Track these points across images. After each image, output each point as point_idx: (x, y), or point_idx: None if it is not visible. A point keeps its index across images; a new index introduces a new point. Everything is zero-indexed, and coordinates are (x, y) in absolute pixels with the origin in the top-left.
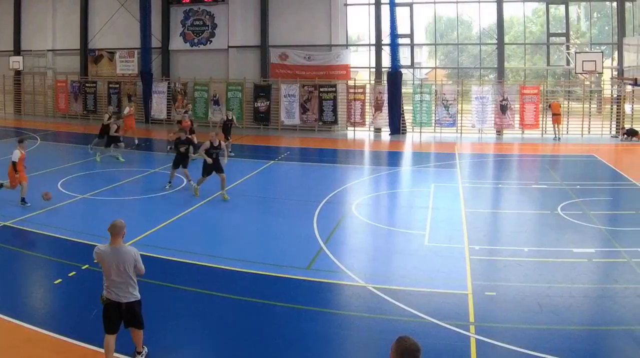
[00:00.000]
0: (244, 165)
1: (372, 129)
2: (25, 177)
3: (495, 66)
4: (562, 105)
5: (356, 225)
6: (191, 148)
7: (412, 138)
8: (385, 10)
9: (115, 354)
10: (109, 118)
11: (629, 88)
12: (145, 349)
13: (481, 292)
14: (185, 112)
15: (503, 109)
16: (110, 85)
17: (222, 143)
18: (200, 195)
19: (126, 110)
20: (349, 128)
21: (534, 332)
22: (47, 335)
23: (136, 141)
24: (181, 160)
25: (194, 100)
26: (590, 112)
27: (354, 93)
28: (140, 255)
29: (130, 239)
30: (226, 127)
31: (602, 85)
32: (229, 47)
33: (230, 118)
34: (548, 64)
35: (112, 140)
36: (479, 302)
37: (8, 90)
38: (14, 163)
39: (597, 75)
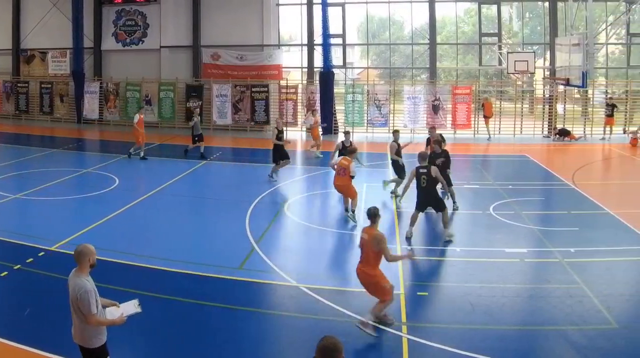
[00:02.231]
0: (176, 165)
1: (304, 129)
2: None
3: (428, 66)
4: (493, 105)
5: (288, 225)
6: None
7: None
8: (317, 10)
9: None
10: (279, 134)
11: (561, 88)
12: None
13: (413, 292)
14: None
15: (435, 109)
16: (43, 86)
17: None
18: (131, 195)
19: (136, 117)
20: None
21: (466, 332)
22: None
23: (141, 153)
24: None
25: (126, 101)
26: (522, 112)
27: (286, 93)
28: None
29: (63, 239)
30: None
31: (534, 85)
32: (161, 47)
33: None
34: (480, 64)
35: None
36: (411, 302)
37: None
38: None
39: (529, 75)
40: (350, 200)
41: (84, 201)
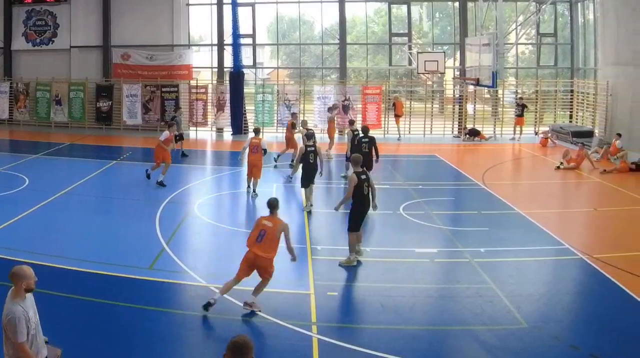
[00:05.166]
0: (86, 166)
1: (214, 128)
2: None
3: (338, 66)
4: (404, 105)
5: (198, 225)
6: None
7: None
8: (227, 10)
9: None
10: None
11: (470, 88)
12: None
13: (323, 292)
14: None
15: (345, 109)
16: None
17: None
18: (41, 195)
19: (164, 135)
20: (191, 128)
21: (375, 331)
22: None
23: (161, 177)
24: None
25: (36, 101)
26: (432, 112)
27: (196, 93)
28: None
29: None
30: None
31: (444, 85)
32: (71, 47)
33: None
34: (390, 64)
35: None
36: (321, 302)
37: None
38: None
39: (439, 75)
40: (256, 180)
41: None
